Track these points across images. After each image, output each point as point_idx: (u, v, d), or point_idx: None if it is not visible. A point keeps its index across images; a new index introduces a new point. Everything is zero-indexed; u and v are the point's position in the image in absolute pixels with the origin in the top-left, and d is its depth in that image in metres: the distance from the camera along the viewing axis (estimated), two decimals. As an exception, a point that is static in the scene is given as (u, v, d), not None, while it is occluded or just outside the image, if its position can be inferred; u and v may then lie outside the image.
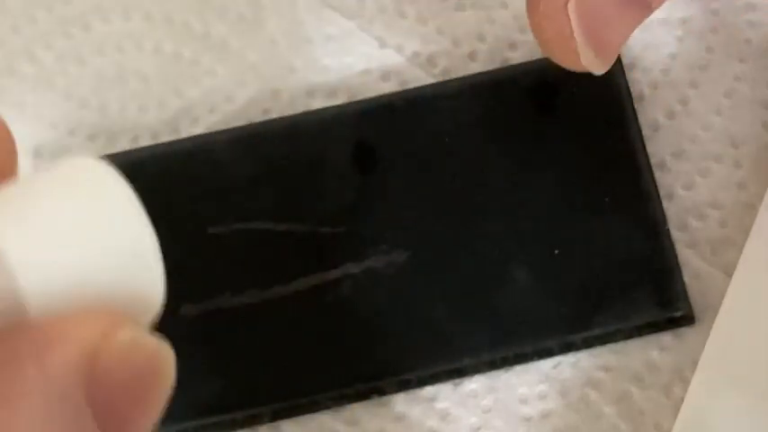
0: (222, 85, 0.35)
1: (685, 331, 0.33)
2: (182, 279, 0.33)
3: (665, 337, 0.33)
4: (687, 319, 0.33)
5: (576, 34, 0.28)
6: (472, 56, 0.35)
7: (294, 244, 0.32)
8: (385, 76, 0.35)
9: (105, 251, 0.17)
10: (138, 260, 0.18)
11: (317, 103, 0.35)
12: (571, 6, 0.27)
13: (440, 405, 0.33)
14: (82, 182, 0.18)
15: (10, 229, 0.17)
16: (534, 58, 0.34)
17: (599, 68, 0.29)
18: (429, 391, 0.33)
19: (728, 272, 0.33)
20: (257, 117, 0.35)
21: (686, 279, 0.33)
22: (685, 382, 0.32)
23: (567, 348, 0.33)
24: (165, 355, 0.18)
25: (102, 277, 0.17)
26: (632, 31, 0.29)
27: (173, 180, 0.34)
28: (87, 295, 0.17)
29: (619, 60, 0.34)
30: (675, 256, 0.33)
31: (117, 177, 0.18)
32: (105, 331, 0.17)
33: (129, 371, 0.17)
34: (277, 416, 0.33)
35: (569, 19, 0.27)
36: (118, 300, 0.17)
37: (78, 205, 0.17)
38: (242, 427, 0.32)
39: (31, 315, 0.17)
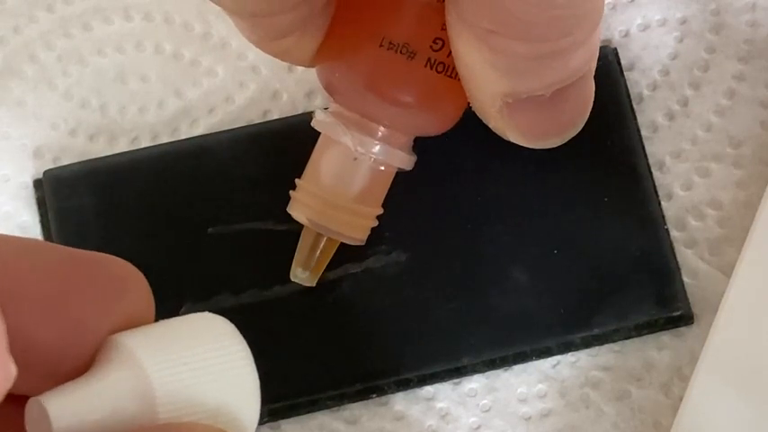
0: (222, 86, 0.35)
1: (684, 331, 0.33)
2: (182, 279, 0.33)
3: (664, 337, 0.33)
4: (686, 319, 0.33)
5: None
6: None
7: (294, 244, 0.32)
8: (385, 76, 0.35)
9: (221, 387, 0.22)
10: (243, 397, 0.22)
11: (317, 104, 0.35)
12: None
13: (439, 404, 0.33)
14: (209, 330, 0.22)
15: (155, 355, 0.21)
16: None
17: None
18: (428, 390, 0.33)
19: (727, 271, 0.33)
20: (257, 117, 0.35)
21: (685, 279, 0.33)
22: (684, 382, 0.32)
23: (566, 348, 0.33)
24: None
25: (214, 405, 0.22)
26: None
27: (173, 180, 0.34)
28: (201, 417, 0.21)
29: (618, 61, 0.34)
30: (674, 256, 0.33)
31: (235, 330, 0.22)
32: None
33: None
34: (277, 415, 0.33)
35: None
36: (222, 424, 0.22)
37: (205, 347, 0.22)
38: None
39: (160, 421, 0.21)
